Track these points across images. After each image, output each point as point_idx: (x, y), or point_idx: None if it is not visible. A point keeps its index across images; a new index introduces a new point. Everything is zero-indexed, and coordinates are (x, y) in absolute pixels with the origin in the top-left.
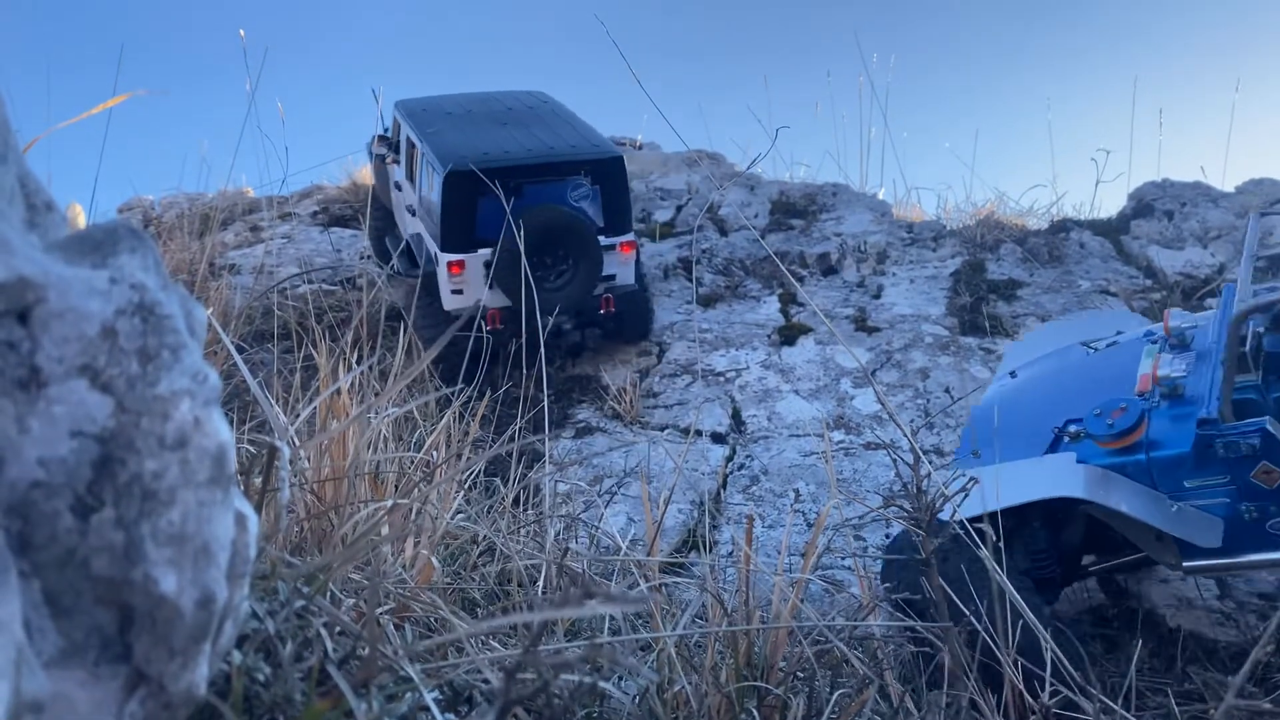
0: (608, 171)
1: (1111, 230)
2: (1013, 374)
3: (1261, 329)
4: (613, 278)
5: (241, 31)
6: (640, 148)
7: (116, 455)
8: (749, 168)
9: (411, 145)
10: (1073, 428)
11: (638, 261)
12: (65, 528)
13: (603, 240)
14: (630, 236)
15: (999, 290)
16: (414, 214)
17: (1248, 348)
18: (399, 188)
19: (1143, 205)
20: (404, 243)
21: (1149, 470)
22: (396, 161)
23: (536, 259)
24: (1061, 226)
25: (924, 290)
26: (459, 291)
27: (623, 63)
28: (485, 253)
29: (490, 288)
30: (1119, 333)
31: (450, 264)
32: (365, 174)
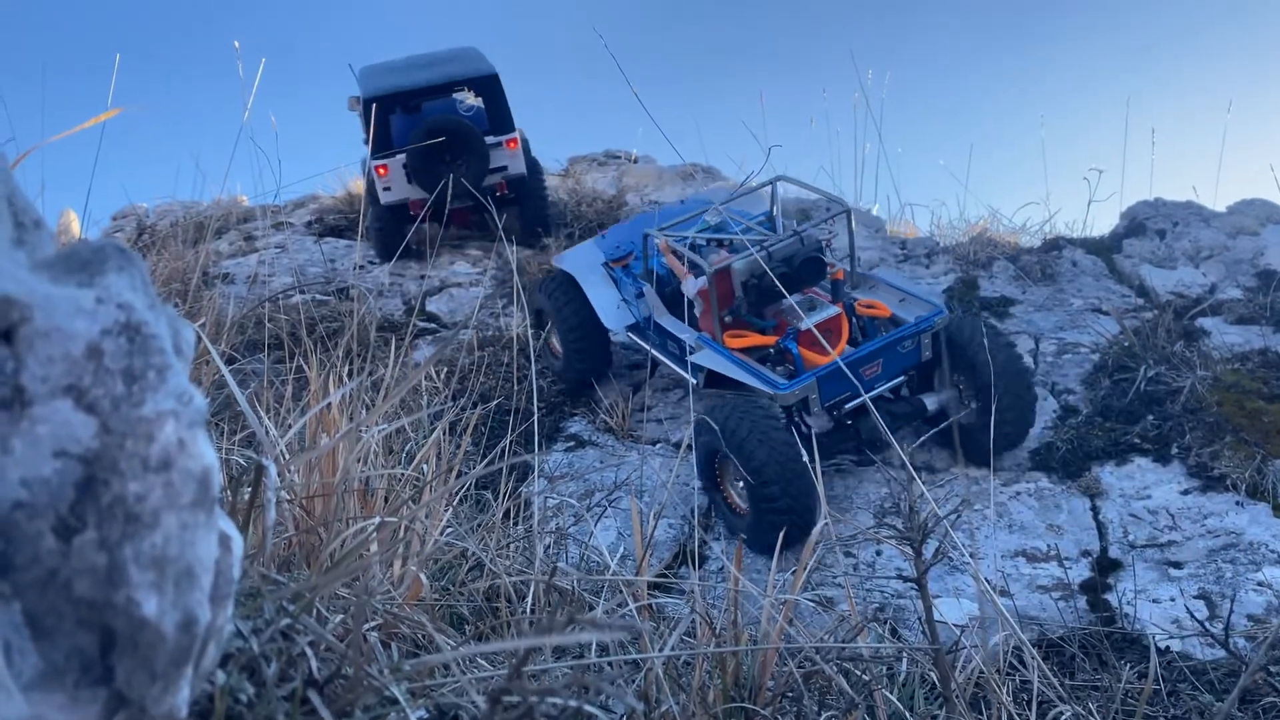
0: (485, 86)
1: (1104, 249)
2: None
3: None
4: (504, 168)
5: (236, 43)
6: (635, 161)
7: (100, 477)
8: (743, 183)
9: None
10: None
11: (527, 154)
12: (47, 549)
13: (489, 139)
14: (513, 135)
15: (991, 307)
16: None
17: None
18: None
19: (1135, 224)
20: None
21: (620, 281)
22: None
23: (435, 154)
24: (1054, 244)
25: None
26: (388, 189)
27: (619, 76)
28: (402, 157)
29: (410, 183)
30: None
31: (377, 167)
32: (359, 185)
